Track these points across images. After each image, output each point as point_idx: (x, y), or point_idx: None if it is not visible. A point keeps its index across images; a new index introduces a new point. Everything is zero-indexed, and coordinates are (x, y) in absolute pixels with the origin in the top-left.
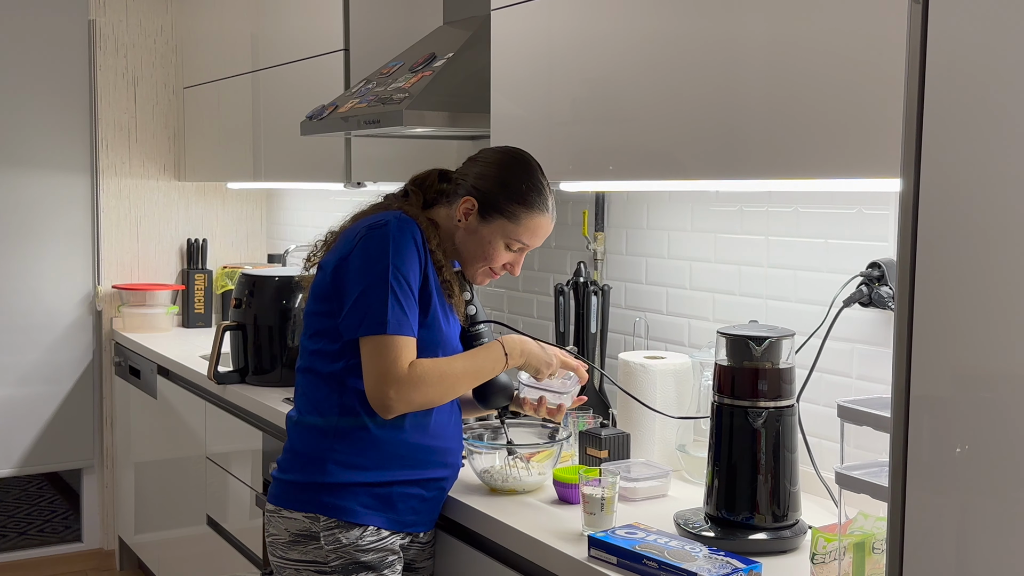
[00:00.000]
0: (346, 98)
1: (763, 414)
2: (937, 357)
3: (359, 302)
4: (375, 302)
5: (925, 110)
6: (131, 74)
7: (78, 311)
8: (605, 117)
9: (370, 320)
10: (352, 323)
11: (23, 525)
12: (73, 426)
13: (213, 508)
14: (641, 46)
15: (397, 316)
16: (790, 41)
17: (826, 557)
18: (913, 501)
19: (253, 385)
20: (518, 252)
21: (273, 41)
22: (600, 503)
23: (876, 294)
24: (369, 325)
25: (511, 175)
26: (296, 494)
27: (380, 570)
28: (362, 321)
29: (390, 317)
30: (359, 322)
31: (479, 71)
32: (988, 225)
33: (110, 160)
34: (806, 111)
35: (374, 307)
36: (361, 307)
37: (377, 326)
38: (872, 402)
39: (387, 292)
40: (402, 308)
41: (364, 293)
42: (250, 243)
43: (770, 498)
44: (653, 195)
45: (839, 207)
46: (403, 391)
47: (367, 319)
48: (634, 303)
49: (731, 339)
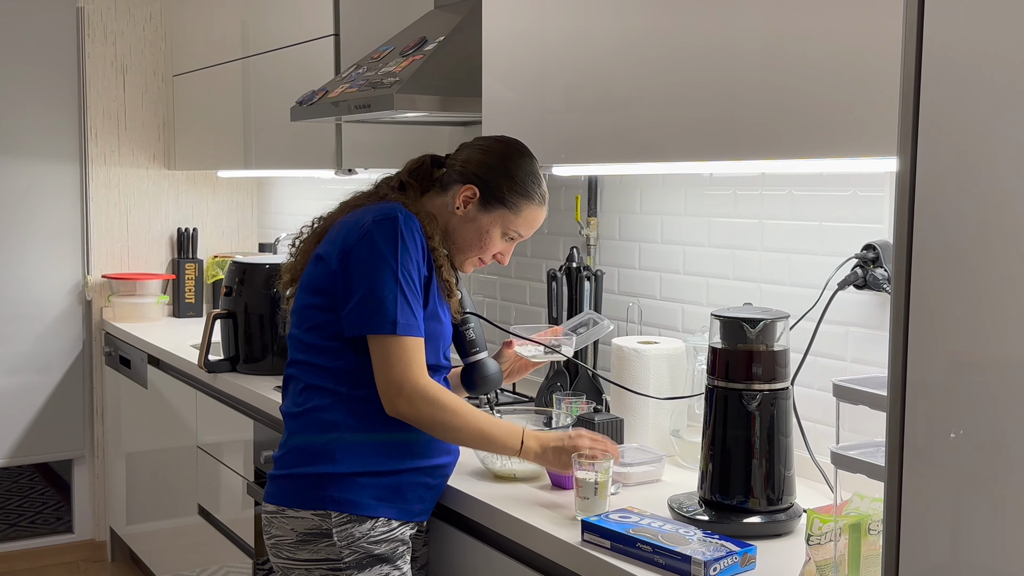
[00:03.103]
0: (336, 83)
1: (757, 397)
2: (934, 341)
3: (366, 299)
4: (384, 300)
5: (922, 89)
6: (120, 62)
7: (68, 301)
8: (598, 98)
9: (379, 319)
10: (358, 320)
11: (14, 516)
12: (63, 417)
13: (205, 498)
14: (634, 27)
15: (407, 316)
16: (784, 21)
17: (822, 538)
18: (910, 485)
19: (244, 374)
20: (511, 242)
21: (263, 27)
22: (594, 488)
23: (871, 276)
24: (378, 324)
25: (515, 166)
26: (302, 491)
27: (393, 561)
28: (370, 319)
29: (399, 317)
30: (367, 319)
31: (470, 55)
32: (987, 207)
33: (99, 149)
34: (800, 91)
35: (383, 305)
36: (369, 304)
37: (387, 325)
38: (868, 381)
39: (397, 290)
40: (411, 308)
41: (372, 290)
42: (241, 232)
43: (764, 482)
44: (646, 180)
45: (833, 189)
46: (416, 399)
47: (375, 317)
48: (627, 288)
49: (725, 321)
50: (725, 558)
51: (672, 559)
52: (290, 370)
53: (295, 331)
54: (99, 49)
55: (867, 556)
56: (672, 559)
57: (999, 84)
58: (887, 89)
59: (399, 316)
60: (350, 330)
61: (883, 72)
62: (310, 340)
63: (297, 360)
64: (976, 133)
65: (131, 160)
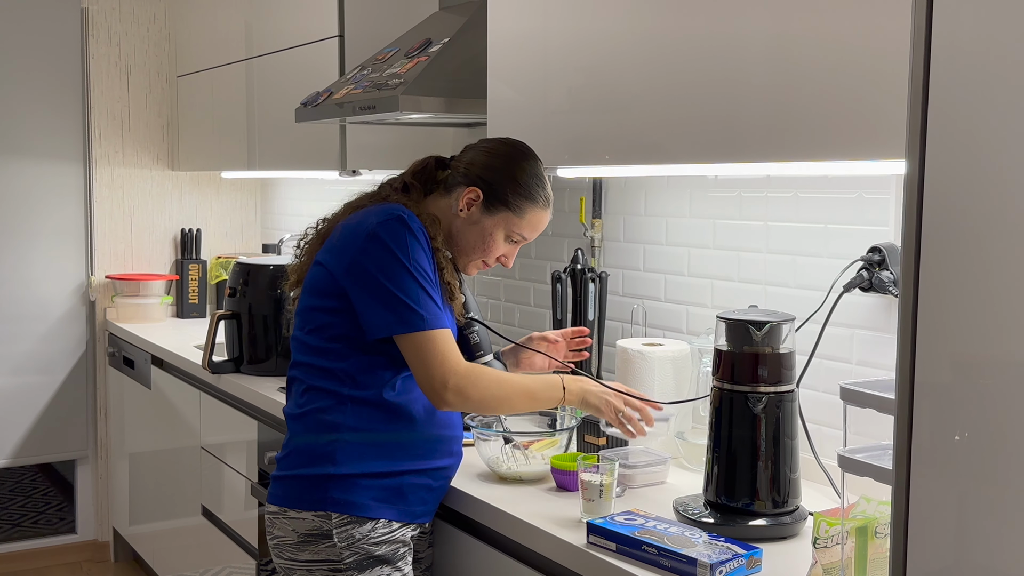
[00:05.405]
0: (341, 84)
1: (763, 399)
2: (942, 344)
3: (387, 299)
4: (406, 297)
5: (930, 91)
6: (124, 62)
7: (71, 301)
8: (603, 100)
9: (405, 317)
10: (383, 322)
11: (17, 517)
12: (67, 417)
13: (208, 499)
14: (639, 29)
15: (431, 310)
16: (789, 22)
17: (828, 541)
18: (917, 488)
19: (248, 374)
20: (514, 245)
21: (267, 28)
22: (599, 490)
23: (876, 279)
24: (405, 323)
25: (519, 169)
26: (304, 492)
27: (394, 562)
28: (396, 319)
29: (426, 312)
30: (391, 320)
31: (475, 57)
32: (995, 210)
33: (103, 149)
34: (805, 93)
35: (405, 303)
36: (390, 304)
37: (416, 322)
38: (875, 384)
39: (416, 286)
40: (433, 300)
41: (391, 289)
42: (244, 233)
43: (770, 484)
44: (651, 181)
45: (839, 191)
46: (463, 389)
47: (401, 316)
48: (632, 290)
49: (731, 324)
50: (731, 561)
51: (678, 561)
52: (293, 372)
53: (298, 333)
54: (103, 50)
55: (874, 559)
56: (678, 561)
57: (1008, 86)
58: (894, 91)
59: (424, 311)
60: (374, 332)
61: (890, 74)
62: (312, 342)
63: (300, 362)
64: (984, 136)
65: (135, 161)
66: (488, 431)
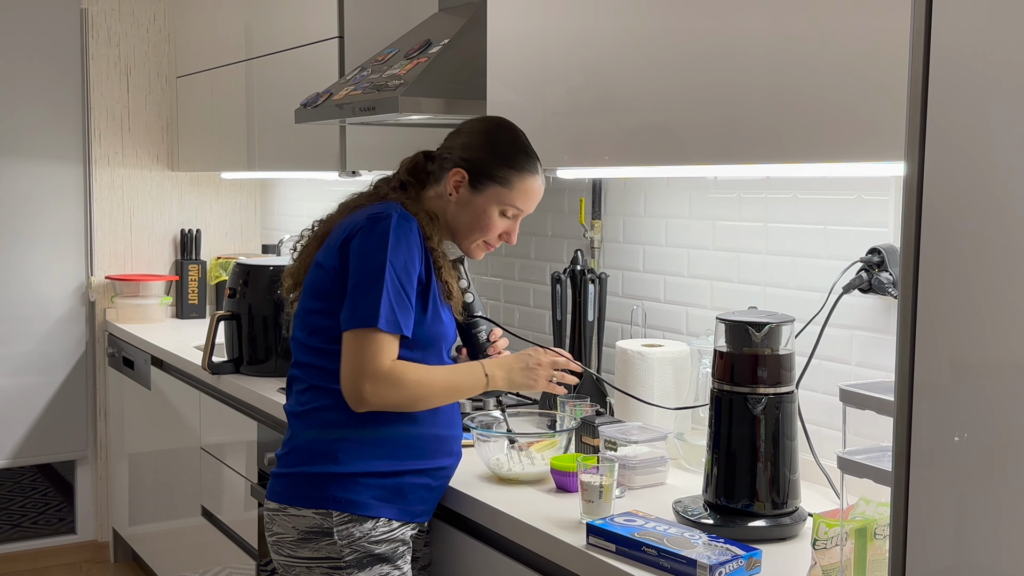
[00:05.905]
0: (341, 85)
1: (762, 400)
2: (941, 346)
3: (352, 296)
4: (369, 296)
5: (930, 93)
6: (124, 63)
7: (71, 302)
8: (602, 101)
9: (361, 314)
10: (346, 316)
11: (16, 517)
12: (66, 417)
13: (208, 499)
14: (638, 30)
15: (388, 312)
16: (789, 24)
17: (828, 543)
18: (917, 490)
19: (248, 375)
20: (513, 219)
21: (267, 29)
22: (599, 491)
23: (876, 280)
24: (359, 319)
25: (498, 140)
26: (305, 490)
27: (394, 561)
28: (353, 315)
29: (383, 312)
30: (350, 315)
31: (475, 58)
32: (994, 212)
33: (103, 150)
34: (805, 95)
35: (367, 301)
36: (354, 301)
37: (368, 319)
38: (874, 386)
39: (382, 288)
40: (395, 305)
41: (358, 287)
42: (244, 234)
43: (769, 485)
44: (651, 182)
45: (838, 193)
46: (380, 387)
47: (358, 313)
48: (631, 291)
49: (730, 325)
50: (730, 562)
51: (677, 563)
52: (294, 371)
53: (298, 334)
54: (103, 51)
55: (873, 560)
56: (677, 563)
57: (1007, 88)
58: (893, 93)
59: (382, 310)
60: (342, 326)
61: (889, 76)
62: (313, 344)
63: (301, 362)
64: (983, 138)
65: (135, 161)
66: (489, 432)
